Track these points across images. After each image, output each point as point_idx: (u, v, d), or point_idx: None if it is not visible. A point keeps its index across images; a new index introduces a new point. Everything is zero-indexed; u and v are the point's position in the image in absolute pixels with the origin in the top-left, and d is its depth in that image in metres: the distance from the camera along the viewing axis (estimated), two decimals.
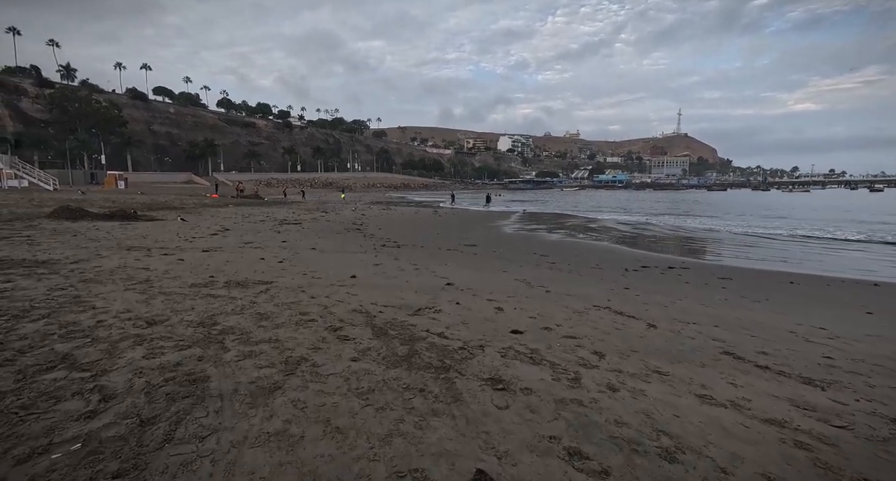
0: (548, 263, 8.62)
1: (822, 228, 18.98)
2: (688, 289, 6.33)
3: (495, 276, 6.66)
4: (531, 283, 6.00)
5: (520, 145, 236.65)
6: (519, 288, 5.69)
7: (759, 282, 7.19)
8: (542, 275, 7.19)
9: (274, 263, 7.09)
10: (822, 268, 9.19)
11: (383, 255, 8.82)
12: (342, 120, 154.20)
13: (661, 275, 7.62)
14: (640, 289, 6.03)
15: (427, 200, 49.26)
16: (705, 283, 6.77)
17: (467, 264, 8.06)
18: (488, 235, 14.88)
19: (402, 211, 26.73)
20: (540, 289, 5.57)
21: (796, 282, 7.24)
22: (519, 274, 7.06)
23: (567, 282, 6.55)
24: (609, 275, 7.42)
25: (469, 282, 5.98)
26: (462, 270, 7.18)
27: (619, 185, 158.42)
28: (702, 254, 11.55)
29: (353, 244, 10.68)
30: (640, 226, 20.22)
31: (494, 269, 7.44)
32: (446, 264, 7.81)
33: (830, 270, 8.88)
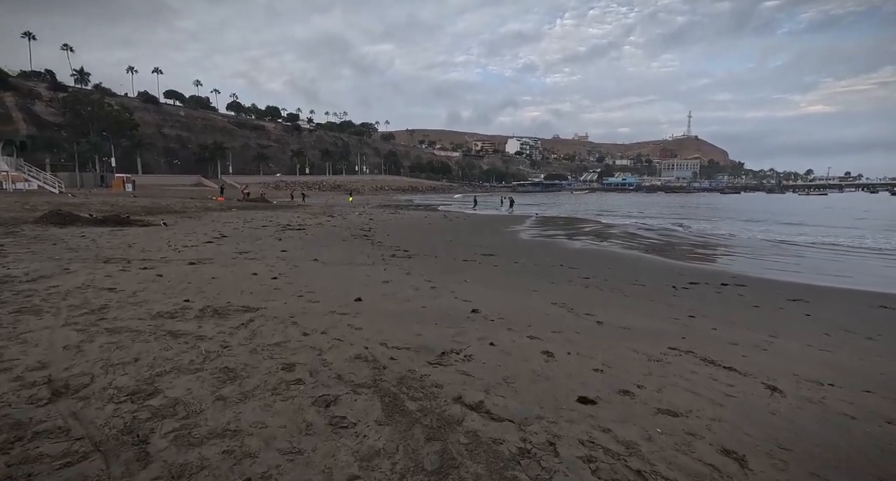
0: (580, 279, 7.54)
1: (870, 236, 17.62)
2: (765, 318, 5.20)
3: (526, 298, 5.59)
4: (573, 309, 4.93)
5: (528, 148, 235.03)
6: (561, 316, 4.62)
7: (846, 308, 6.01)
8: (580, 295, 6.11)
9: (267, 280, 6.10)
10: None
11: (393, 268, 7.80)
12: (351, 123, 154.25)
13: (717, 294, 6.49)
14: (708, 316, 4.93)
15: (435, 203, 48.32)
16: (780, 308, 5.62)
17: (489, 280, 7.01)
18: (505, 242, 13.81)
19: (411, 215, 25.76)
20: (588, 319, 4.50)
21: (890, 306, 6.04)
22: (553, 293, 5.99)
23: (613, 305, 5.46)
24: (658, 295, 6.31)
25: (498, 307, 4.93)
26: (485, 289, 6.13)
27: (630, 188, 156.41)
28: (745, 265, 10.35)
29: (360, 254, 9.68)
30: (664, 232, 19.00)
31: (522, 288, 6.37)
32: (465, 281, 6.76)
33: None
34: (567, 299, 5.57)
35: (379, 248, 10.85)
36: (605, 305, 5.40)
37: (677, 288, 6.85)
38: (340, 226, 16.91)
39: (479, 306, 4.91)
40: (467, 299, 5.26)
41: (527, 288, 6.40)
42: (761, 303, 5.90)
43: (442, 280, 6.70)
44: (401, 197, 70.92)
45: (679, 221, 25.94)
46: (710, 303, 5.87)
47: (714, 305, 5.70)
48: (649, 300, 5.88)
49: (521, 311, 4.77)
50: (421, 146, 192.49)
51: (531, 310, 4.87)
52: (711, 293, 6.58)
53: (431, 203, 49.50)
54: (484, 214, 29.75)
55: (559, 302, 5.30)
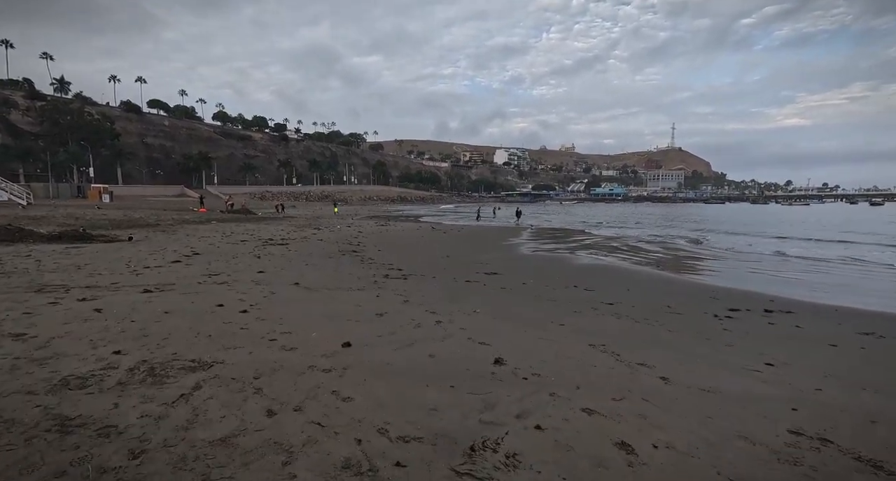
0: (604, 305, 6.53)
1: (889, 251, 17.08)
2: (857, 364, 4.23)
3: (556, 337, 4.55)
4: (619, 355, 3.90)
5: (516, 158, 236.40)
6: (609, 367, 3.58)
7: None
8: (615, 329, 5.10)
9: (234, 314, 4.97)
10: None
11: (387, 294, 6.71)
12: (339, 133, 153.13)
13: (771, 325, 5.53)
14: (790, 364, 3.92)
15: (425, 214, 47.30)
16: (861, 347, 4.66)
17: (502, 309, 5.96)
18: (506, 258, 12.81)
19: (402, 227, 24.67)
20: (647, 373, 3.46)
21: None
22: (583, 328, 4.97)
23: (662, 345, 4.45)
24: (704, 328, 5.33)
25: (524, 351, 3.88)
26: (502, 324, 5.08)
27: (618, 198, 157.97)
28: (772, 284, 9.48)
29: (348, 275, 8.56)
30: (667, 245, 18.22)
31: (544, 320, 5.34)
32: (476, 311, 5.69)
33: None
34: (604, 337, 4.55)
35: (370, 267, 9.73)
36: (653, 345, 4.39)
37: (720, 317, 5.88)
38: (327, 239, 15.74)
39: (500, 351, 3.85)
40: (484, 340, 4.20)
41: (551, 321, 5.37)
42: (828, 339, 4.95)
43: (447, 310, 5.63)
44: (390, 207, 69.87)
45: (677, 233, 25.31)
46: (771, 340, 4.89)
47: (779, 343, 4.72)
48: (699, 336, 4.88)
49: (556, 359, 3.72)
50: (409, 156, 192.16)
51: (567, 356, 3.83)
52: (762, 323, 5.62)
53: (421, 214, 48.50)
54: (478, 226, 28.81)
55: (597, 343, 4.27)
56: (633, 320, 5.55)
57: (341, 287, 7.15)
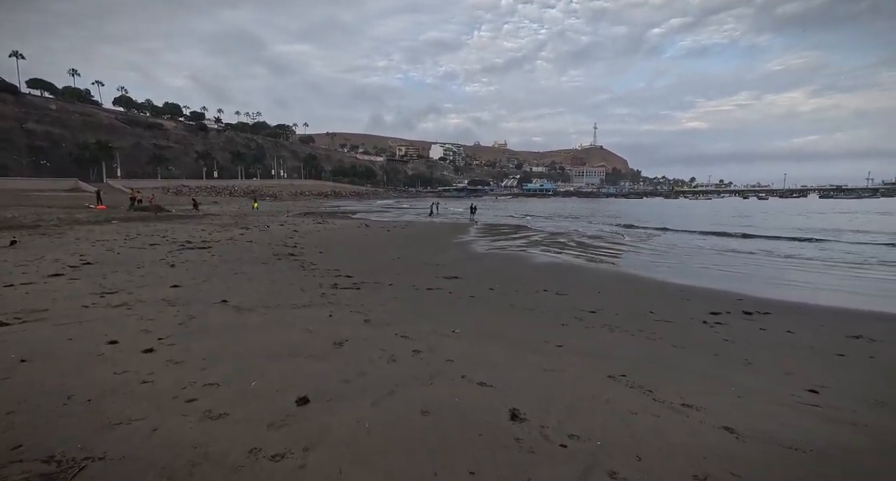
0: (588, 314, 5.94)
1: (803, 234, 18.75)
2: (885, 376, 3.92)
3: (562, 365, 3.77)
4: (654, 393, 3.19)
5: (451, 154, 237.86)
6: (655, 416, 2.83)
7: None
8: (617, 348, 4.46)
9: (133, 356, 3.61)
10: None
11: (342, 311, 5.56)
12: (265, 124, 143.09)
13: (762, 332, 5.23)
14: (824, 386, 3.47)
15: (363, 210, 45.34)
16: (870, 357, 4.41)
17: (484, 327, 5.10)
18: (461, 258, 12.02)
19: (342, 225, 22.98)
20: (699, 418, 2.77)
21: None
22: (587, 351, 4.26)
23: (679, 368, 3.86)
24: (703, 340, 4.88)
25: (540, 396, 3.05)
26: (490, 347, 4.21)
27: (548, 193, 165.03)
28: (733, 281, 9.62)
29: (289, 286, 7.21)
30: (611, 240, 18.59)
31: (538, 342, 4.56)
32: (455, 331, 4.77)
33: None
34: (614, 362, 3.86)
35: (314, 275, 8.40)
36: (670, 370, 3.77)
37: (709, 324, 5.52)
38: (259, 241, 13.88)
39: (509, 396, 2.99)
40: (483, 380, 3.29)
41: (541, 339, 4.60)
42: (829, 346, 4.69)
43: (420, 332, 4.65)
44: (324, 203, 66.46)
45: (613, 226, 26.29)
46: (780, 353, 4.52)
47: (793, 358, 4.33)
48: (708, 353, 4.36)
49: (583, 405, 2.92)
50: (343, 150, 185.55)
51: (593, 398, 3.04)
52: (754, 329, 5.32)
53: (360, 210, 46.45)
54: (423, 223, 27.83)
55: (615, 373, 3.54)
56: (628, 333, 4.96)
57: (283, 304, 5.84)
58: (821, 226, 26.18)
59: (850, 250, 14.84)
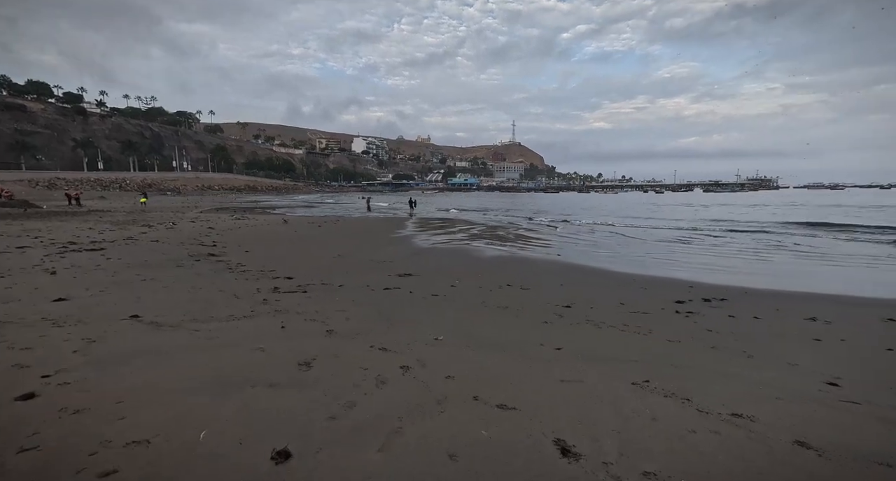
0: (565, 309, 5.67)
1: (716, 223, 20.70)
2: (872, 357, 4.05)
3: (576, 374, 3.35)
4: (692, 401, 2.88)
5: (375, 147, 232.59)
6: (715, 432, 2.48)
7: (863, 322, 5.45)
8: (616, 346, 4.18)
9: (7, 408, 2.50)
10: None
11: (294, 320, 4.65)
12: (162, 110, 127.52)
13: (732, 319, 5.31)
14: (839, 376, 3.45)
15: (286, 205, 42.21)
16: (841, 340, 4.58)
17: (465, 331, 4.55)
18: (408, 254, 11.32)
19: (266, 220, 20.89)
20: (759, 431, 2.50)
21: None
22: (588, 353, 3.92)
23: (690, 366, 3.66)
24: (689, 331, 4.81)
25: (576, 417, 2.59)
26: (487, 357, 3.69)
27: (472, 188, 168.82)
28: (673, 267, 10.12)
29: (217, 292, 6.02)
30: (548, 233, 19.07)
31: (533, 345, 4.12)
32: (438, 339, 4.16)
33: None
34: (623, 365, 3.55)
35: (246, 278, 7.19)
36: (682, 369, 3.55)
37: (681, 313, 5.52)
38: (166, 239, 11.87)
39: (541, 421, 2.49)
40: (501, 401, 2.75)
41: (533, 341, 4.17)
42: (801, 331, 4.86)
43: (398, 341, 3.98)
44: (239, 198, 61.02)
45: (541, 219, 27.22)
46: (765, 341, 4.58)
47: (782, 345, 4.38)
48: (704, 345, 4.23)
49: (628, 427, 2.51)
50: (257, 141, 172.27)
51: (634, 414, 2.65)
52: (723, 317, 5.40)
53: (282, 205, 43.18)
54: (357, 218, 26.41)
55: (637, 379, 3.20)
56: (615, 329, 4.73)
57: (217, 315, 4.76)
58: (720, 216, 29.54)
59: (754, 237, 16.73)
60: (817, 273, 9.33)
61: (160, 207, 30.43)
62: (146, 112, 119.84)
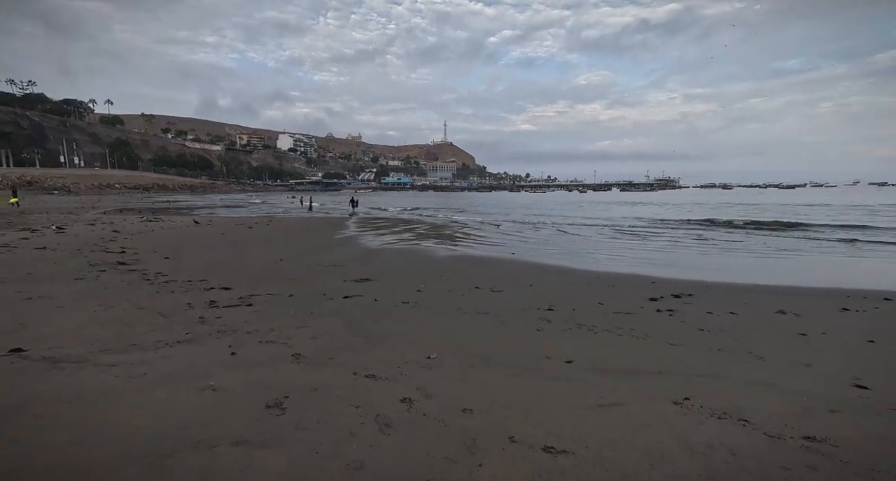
0: (549, 313, 5.33)
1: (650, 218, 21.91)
2: (860, 352, 4.12)
3: (606, 393, 2.96)
4: (752, 424, 2.60)
5: (302, 145, 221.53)
6: (812, 468, 2.21)
7: (839, 315, 5.64)
8: (626, 353, 3.88)
9: None
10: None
11: (248, 344, 3.78)
12: (44, 97, 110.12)
13: (711, 315, 5.30)
14: (859, 377, 3.40)
15: (207, 205, 38.32)
16: (823, 333, 4.69)
17: (457, 345, 4.00)
18: (358, 256, 10.45)
19: (186, 222, 18.52)
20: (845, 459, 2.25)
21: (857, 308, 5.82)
22: (601, 364, 3.57)
23: (715, 375, 3.43)
24: (681, 332, 4.67)
25: (650, 458, 2.20)
26: (488, 374, 3.19)
27: (406, 187, 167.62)
28: (626, 263, 10.33)
29: (137, 310, 4.85)
30: (493, 231, 19.00)
31: (538, 358, 3.69)
32: (432, 357, 3.57)
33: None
34: (654, 380, 3.23)
35: (171, 290, 5.98)
36: (719, 381, 3.31)
37: (662, 311, 5.41)
38: (59, 246, 9.81)
39: (607, 468, 2.05)
40: (547, 443, 2.26)
41: (538, 354, 3.74)
42: (785, 326, 4.94)
43: (386, 366, 3.33)
44: (148, 198, 54.54)
45: (482, 218, 27.34)
46: (764, 339, 4.55)
47: (782, 344, 4.35)
48: (709, 350, 4.04)
49: (712, 467, 2.14)
50: (166, 136, 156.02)
51: (709, 448, 2.28)
52: (701, 314, 5.38)
53: (201, 205, 39.14)
54: (293, 218, 24.47)
55: (673, 396, 2.87)
56: (612, 333, 4.45)
57: (139, 342, 3.72)
58: (644, 213, 31.78)
59: (684, 232, 18.00)
60: (751, 265, 10.05)
61: (45, 208, 25.90)
62: (22, 99, 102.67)
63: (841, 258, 11.02)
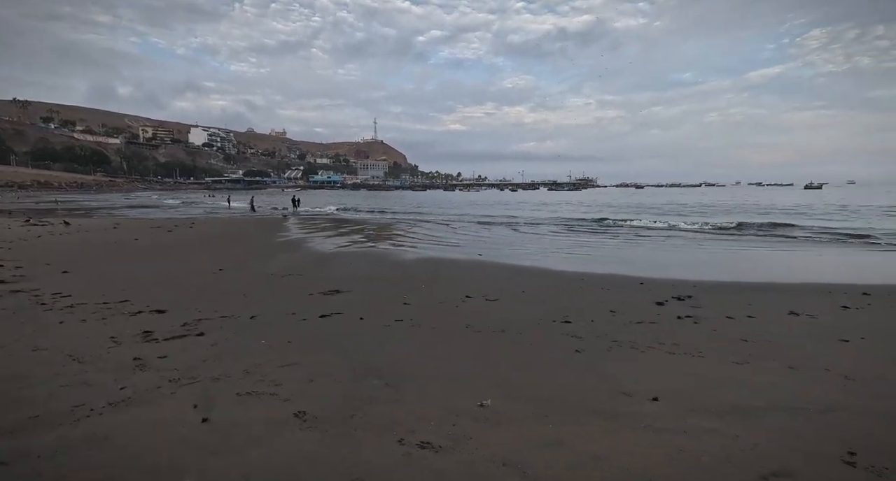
0: (564, 324, 4.74)
1: None
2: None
3: (769, 463, 2.37)
4: None
5: (219, 140, 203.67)
6: None
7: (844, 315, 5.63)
8: (695, 382, 3.38)
9: None
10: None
11: (220, 399, 2.69)
12: None
13: (731, 320, 5.06)
14: None
15: (103, 206, 33.15)
16: (861, 338, 4.60)
17: (498, 377, 3.27)
18: (313, 262, 9.16)
19: (84, 226, 15.46)
20: None
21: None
22: (700, 402, 3.03)
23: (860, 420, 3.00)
24: (732, 344, 4.31)
25: None
26: (597, 436, 2.53)
27: (336, 185, 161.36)
28: (599, 261, 10.16)
29: (30, 353, 3.43)
30: (448, 231, 18.29)
31: (605, 392, 3.06)
32: (483, 405, 2.76)
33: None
34: (783, 423, 2.71)
35: (83, 318, 4.47)
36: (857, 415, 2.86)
37: (681, 317, 5.04)
38: None
39: None
40: None
41: (616, 389, 3.09)
42: (810, 329, 4.80)
43: (429, 421, 2.48)
44: (28, 199, 46.24)
45: (429, 217, 26.60)
46: (800, 345, 4.31)
47: (823, 351, 4.13)
48: (777, 364, 3.71)
49: None
50: (47, 125, 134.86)
51: None
52: (718, 318, 5.11)
53: (99, 206, 33.80)
54: (218, 219, 21.70)
55: (839, 451, 2.35)
56: (661, 352, 3.92)
57: (43, 413, 2.46)
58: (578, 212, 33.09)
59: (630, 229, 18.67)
60: (725, 262, 10.41)
61: None
62: None
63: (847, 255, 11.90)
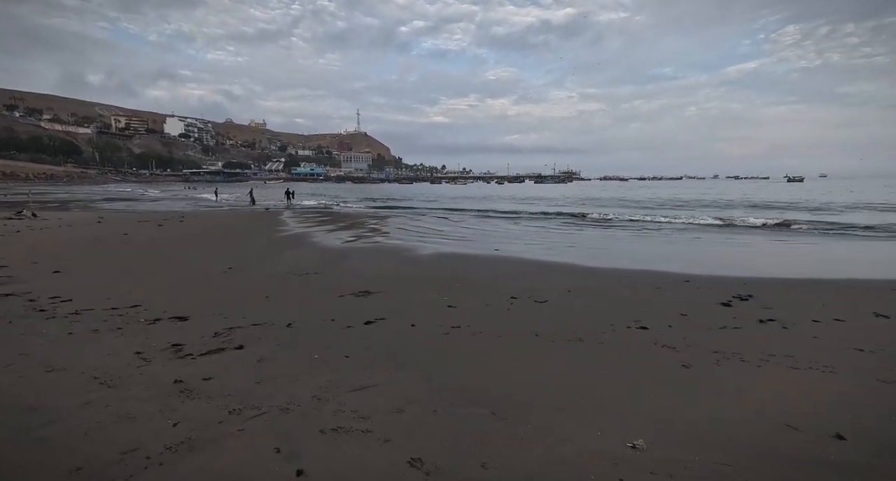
0: (640, 331, 4.34)
1: None
2: None
3: None
4: None
5: (196, 130, 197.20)
6: None
7: None
8: (850, 414, 2.98)
9: None
10: None
11: (303, 439, 2.19)
12: None
13: (820, 325, 4.73)
14: None
15: (78, 199, 31.43)
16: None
17: (617, 403, 2.86)
18: (329, 259, 8.55)
19: (66, 220, 14.37)
20: None
21: None
22: None
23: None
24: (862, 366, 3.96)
25: None
26: None
27: (319, 178, 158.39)
28: (625, 255, 9.82)
29: (44, 374, 2.82)
30: (450, 225, 17.77)
31: None
32: (635, 446, 2.32)
33: None
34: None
35: (95, 329, 3.85)
36: None
37: (764, 321, 4.61)
38: None
39: None
40: None
41: (782, 424, 2.66)
42: None
43: (567, 466, 2.01)
44: None
45: (425, 211, 26.02)
46: None
47: None
48: None
49: None
50: (12, 113, 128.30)
51: None
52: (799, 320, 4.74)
53: (75, 198, 32.07)
54: (206, 213, 20.65)
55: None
56: (779, 366, 3.48)
57: (87, 466, 1.89)
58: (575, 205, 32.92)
59: (636, 223, 18.47)
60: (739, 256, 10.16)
61: None
62: None
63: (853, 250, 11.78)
